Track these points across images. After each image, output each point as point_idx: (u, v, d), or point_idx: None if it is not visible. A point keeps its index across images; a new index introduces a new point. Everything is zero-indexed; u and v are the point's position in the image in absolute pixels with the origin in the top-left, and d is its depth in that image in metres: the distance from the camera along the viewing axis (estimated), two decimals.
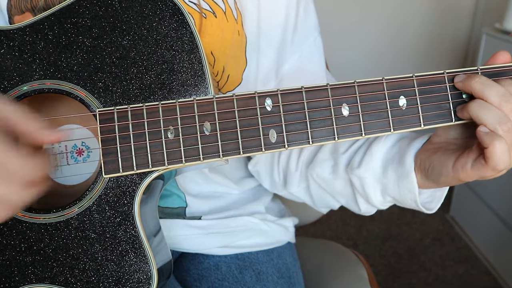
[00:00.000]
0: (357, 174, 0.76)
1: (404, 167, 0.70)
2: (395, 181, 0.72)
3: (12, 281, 0.61)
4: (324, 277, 1.06)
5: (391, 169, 0.73)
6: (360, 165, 0.76)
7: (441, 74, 0.62)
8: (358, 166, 0.76)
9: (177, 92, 0.62)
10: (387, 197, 0.76)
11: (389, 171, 0.73)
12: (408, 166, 0.69)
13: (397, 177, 0.72)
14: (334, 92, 0.61)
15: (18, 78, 0.62)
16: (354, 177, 0.77)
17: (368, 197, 0.77)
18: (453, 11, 2.77)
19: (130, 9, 0.62)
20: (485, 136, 0.58)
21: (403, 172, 0.70)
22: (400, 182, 0.71)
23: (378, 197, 0.76)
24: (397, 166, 0.71)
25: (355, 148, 0.80)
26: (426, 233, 2.39)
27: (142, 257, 0.62)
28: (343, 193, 0.83)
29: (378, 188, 0.76)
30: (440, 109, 0.62)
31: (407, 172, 0.69)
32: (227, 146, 0.61)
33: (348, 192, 0.82)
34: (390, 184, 0.73)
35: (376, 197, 0.77)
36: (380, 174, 0.75)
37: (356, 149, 0.80)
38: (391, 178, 0.73)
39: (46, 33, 0.63)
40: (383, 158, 0.75)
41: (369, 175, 0.75)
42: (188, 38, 0.63)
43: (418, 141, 0.71)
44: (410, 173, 0.69)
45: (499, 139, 0.57)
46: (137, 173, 0.62)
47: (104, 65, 0.62)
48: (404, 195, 0.72)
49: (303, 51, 0.84)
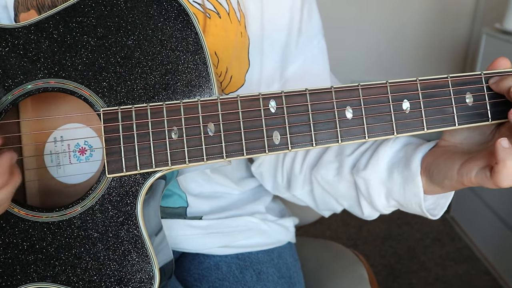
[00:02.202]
0: (362, 176, 0.76)
1: (410, 171, 0.70)
2: (400, 185, 0.72)
3: (14, 279, 0.61)
4: (324, 277, 1.07)
5: (397, 172, 0.73)
6: (366, 167, 0.76)
7: (444, 78, 0.62)
8: (364, 168, 0.76)
9: (181, 92, 0.62)
10: (391, 201, 0.76)
11: (394, 174, 0.73)
12: (414, 170, 0.69)
13: (403, 181, 0.72)
14: (338, 95, 0.61)
15: (22, 76, 0.62)
16: (360, 179, 0.77)
17: (372, 200, 0.77)
18: (453, 11, 2.77)
19: (135, 9, 0.62)
20: (501, 150, 0.56)
21: (409, 175, 0.70)
22: (405, 186, 0.71)
23: (382, 200, 0.76)
24: (403, 170, 0.71)
25: (361, 151, 0.80)
26: (426, 233, 2.39)
27: (144, 257, 0.62)
28: (347, 196, 0.83)
29: (382, 191, 0.76)
30: (443, 113, 0.62)
31: (413, 175, 0.69)
32: (230, 147, 0.61)
33: (352, 195, 0.81)
34: (395, 187, 0.73)
35: (380, 201, 0.76)
36: (385, 177, 0.75)
37: (363, 151, 0.79)
38: (397, 181, 0.73)
39: (51, 32, 0.63)
40: (389, 161, 0.75)
41: (374, 177, 0.75)
42: (193, 39, 0.63)
43: (425, 146, 0.71)
44: (416, 176, 0.69)
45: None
46: (141, 173, 0.62)
47: (108, 64, 0.62)
48: (409, 199, 0.72)
49: (307, 54, 0.84)
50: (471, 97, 0.62)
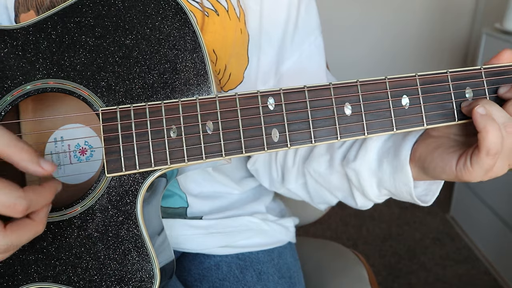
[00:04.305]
0: (352, 167, 0.76)
1: (399, 160, 0.70)
2: (390, 174, 0.72)
3: (15, 279, 0.61)
4: (324, 277, 1.07)
5: (386, 162, 0.73)
6: (356, 159, 0.76)
7: (444, 74, 0.62)
8: (354, 159, 0.76)
9: (179, 91, 0.63)
10: (382, 190, 0.76)
11: (384, 164, 0.73)
12: (403, 159, 0.69)
13: (392, 170, 0.72)
14: (337, 91, 0.61)
15: (21, 77, 0.62)
16: (350, 170, 0.77)
17: (364, 190, 0.77)
18: (453, 11, 2.78)
19: (133, 8, 0.63)
20: (480, 118, 0.57)
21: (398, 165, 0.70)
22: (395, 175, 0.71)
23: (374, 190, 0.76)
24: (392, 159, 0.71)
25: (350, 142, 0.80)
26: (426, 233, 2.39)
27: (145, 256, 0.62)
28: (340, 188, 0.83)
29: (374, 181, 0.76)
30: (443, 109, 0.62)
31: (402, 165, 0.69)
32: (229, 145, 0.61)
33: (345, 186, 0.82)
34: (385, 177, 0.73)
35: (372, 190, 0.77)
36: (375, 167, 0.75)
37: (352, 143, 0.80)
38: (386, 171, 0.73)
39: (50, 33, 0.63)
40: (378, 151, 0.75)
41: (364, 168, 0.75)
42: (190, 37, 0.63)
43: (413, 134, 0.70)
44: (405, 166, 0.69)
45: (492, 122, 0.57)
46: (140, 172, 0.62)
47: (107, 64, 0.62)
48: (399, 188, 0.72)
49: (303, 51, 0.84)
50: (471, 91, 0.62)
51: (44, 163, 0.53)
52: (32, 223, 0.54)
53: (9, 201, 0.50)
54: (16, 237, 0.52)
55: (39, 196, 0.53)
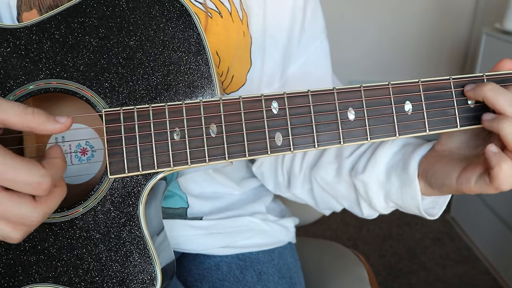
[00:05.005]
0: (361, 179, 0.76)
1: (408, 174, 0.70)
2: (398, 188, 0.72)
3: (16, 280, 0.61)
4: (324, 277, 1.07)
5: (395, 176, 0.73)
6: (365, 170, 0.76)
7: (447, 80, 0.62)
8: (363, 171, 0.76)
9: (183, 93, 0.62)
10: (390, 202, 0.76)
11: (392, 178, 0.73)
12: (411, 174, 0.69)
13: (401, 184, 0.72)
14: (340, 96, 0.61)
15: (24, 77, 0.62)
16: (358, 181, 0.77)
17: (371, 202, 0.77)
18: (453, 11, 2.78)
19: (137, 9, 0.62)
20: (493, 156, 0.57)
21: (407, 179, 0.70)
22: (403, 189, 0.71)
23: (381, 202, 0.77)
24: (401, 173, 0.71)
25: (359, 153, 0.80)
26: (426, 233, 2.39)
27: (146, 258, 0.62)
28: (347, 197, 0.83)
29: (381, 194, 0.76)
30: (446, 115, 0.62)
31: (410, 179, 0.69)
32: (233, 148, 0.61)
33: (352, 196, 0.82)
34: (393, 190, 0.73)
35: (379, 202, 0.77)
36: (383, 180, 0.75)
37: (361, 153, 0.80)
38: (395, 184, 0.73)
39: (53, 33, 0.62)
40: (387, 164, 0.75)
41: (372, 180, 0.75)
42: (195, 40, 0.63)
43: (422, 148, 0.71)
44: (413, 180, 0.69)
45: (506, 161, 0.57)
46: (143, 174, 0.61)
47: (110, 65, 0.62)
48: (407, 201, 0.72)
49: (309, 54, 0.84)
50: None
51: (59, 118, 0.54)
52: (57, 190, 0.54)
53: (34, 180, 0.50)
54: (47, 206, 0.53)
55: (57, 168, 0.54)
